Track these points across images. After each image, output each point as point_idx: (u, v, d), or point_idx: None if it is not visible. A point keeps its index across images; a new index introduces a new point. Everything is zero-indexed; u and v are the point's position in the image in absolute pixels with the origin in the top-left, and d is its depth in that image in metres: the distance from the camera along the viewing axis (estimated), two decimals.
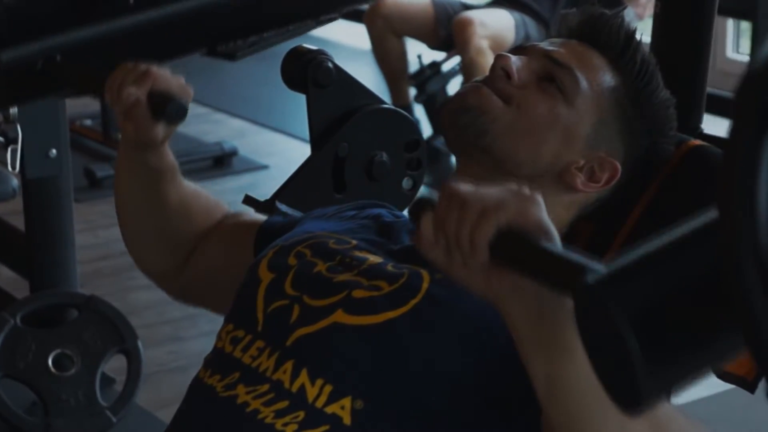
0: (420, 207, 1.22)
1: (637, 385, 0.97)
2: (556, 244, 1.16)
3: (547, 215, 1.52)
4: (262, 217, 1.80)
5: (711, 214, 0.99)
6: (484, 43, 4.78)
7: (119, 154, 1.73)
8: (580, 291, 1.02)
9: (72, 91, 1.97)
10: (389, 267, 1.46)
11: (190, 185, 1.78)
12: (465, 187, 1.19)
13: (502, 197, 1.17)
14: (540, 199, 1.18)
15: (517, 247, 1.15)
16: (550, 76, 1.53)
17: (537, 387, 1.22)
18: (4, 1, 1.85)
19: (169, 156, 1.70)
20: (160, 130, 1.64)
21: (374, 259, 1.48)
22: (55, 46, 1.84)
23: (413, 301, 1.40)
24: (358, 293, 1.43)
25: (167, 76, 1.65)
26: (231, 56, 1.95)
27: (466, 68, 4.81)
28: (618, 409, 1.00)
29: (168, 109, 1.59)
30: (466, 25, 4.83)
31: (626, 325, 0.96)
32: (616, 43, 1.57)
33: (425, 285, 1.40)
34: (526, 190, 1.19)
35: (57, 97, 2.07)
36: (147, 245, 1.79)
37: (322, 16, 1.99)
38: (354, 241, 1.53)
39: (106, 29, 1.89)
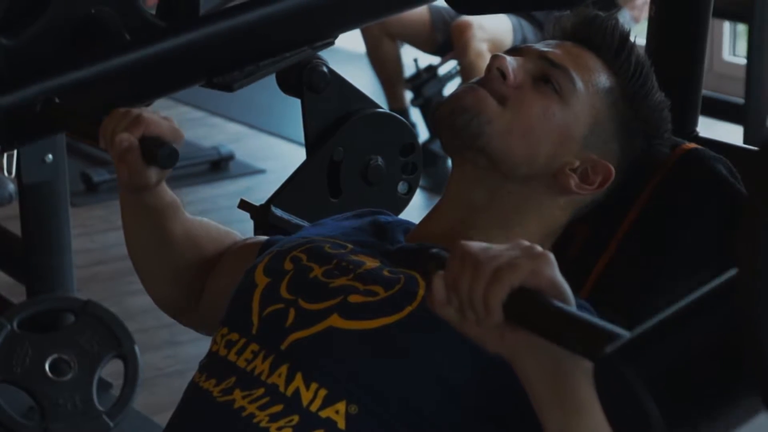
0: (432, 265, 1.22)
1: None
2: (571, 303, 1.16)
3: (543, 220, 1.53)
4: (261, 238, 1.79)
5: (729, 275, 0.99)
6: (483, 46, 4.78)
7: (120, 197, 1.74)
8: (600, 361, 1.02)
9: (70, 132, 2.01)
10: (385, 272, 1.46)
11: (196, 219, 1.77)
12: (477, 247, 1.19)
13: (514, 257, 1.17)
14: (552, 257, 1.18)
15: (532, 309, 1.15)
16: (546, 77, 1.53)
17: None
18: (3, 44, 1.86)
19: (168, 194, 1.71)
20: (153, 173, 1.65)
21: (370, 263, 1.48)
22: (54, 87, 1.86)
23: (409, 308, 1.40)
24: (354, 298, 1.43)
25: (158, 120, 1.65)
26: (228, 87, 1.97)
27: (465, 71, 4.81)
28: None
29: (159, 154, 1.61)
30: (465, 28, 4.83)
31: (647, 396, 0.97)
32: (610, 45, 1.57)
33: (422, 291, 1.40)
34: (539, 248, 1.18)
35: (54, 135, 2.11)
36: (162, 284, 1.78)
37: (317, 43, 2.00)
38: (350, 245, 1.53)
39: (104, 68, 1.91)
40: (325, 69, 1.99)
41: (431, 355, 1.36)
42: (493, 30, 4.87)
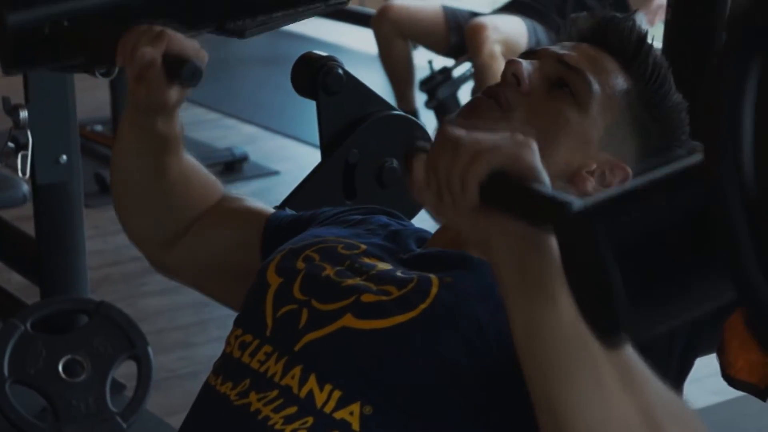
0: (414, 150, 1.22)
1: (616, 314, 0.96)
2: (546, 186, 1.15)
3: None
4: (264, 206, 1.78)
5: (695, 159, 0.98)
6: (497, 48, 4.78)
7: (124, 117, 1.69)
8: (562, 222, 1.02)
9: (81, 59, 1.95)
10: (398, 273, 1.45)
11: (191, 159, 1.76)
12: (461, 131, 1.19)
13: (496, 140, 1.17)
14: (534, 144, 1.17)
15: (506, 189, 1.15)
16: (562, 81, 1.52)
17: (516, 336, 1.21)
18: None
19: (178, 124, 1.67)
20: (173, 93, 1.61)
21: (383, 265, 1.48)
22: (63, 12, 1.82)
23: (422, 306, 1.39)
24: (367, 297, 1.42)
25: (182, 38, 1.62)
26: (240, 33, 1.93)
27: (479, 73, 4.81)
28: (597, 339, 1.01)
29: (183, 70, 1.56)
30: (480, 29, 4.83)
31: (607, 252, 0.96)
32: (627, 47, 1.56)
33: (434, 290, 1.40)
34: (521, 136, 1.18)
35: (66, 67, 2.03)
36: (139, 210, 1.76)
37: (331, 0, 1.98)
38: (363, 246, 1.53)
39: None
40: (340, 71, 1.99)
41: (445, 354, 1.36)
42: (508, 32, 4.87)
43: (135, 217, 1.79)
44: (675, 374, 1.55)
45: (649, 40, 1.58)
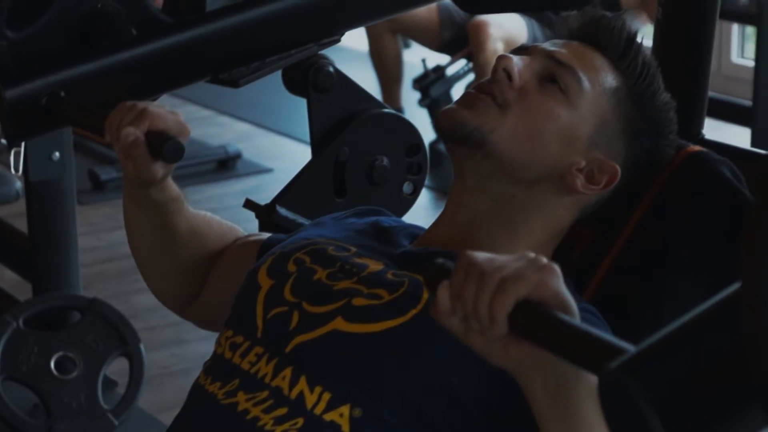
0: (436, 275, 1.21)
1: None
2: (576, 316, 1.15)
3: (549, 221, 1.53)
4: (267, 235, 1.78)
5: (733, 288, 0.99)
6: (499, 45, 4.78)
7: (124, 192, 1.73)
8: (605, 375, 1.02)
9: (75, 126, 2.01)
10: (389, 275, 1.46)
11: (200, 213, 1.76)
12: (482, 257, 1.18)
13: (519, 268, 1.16)
14: (558, 269, 1.17)
15: (537, 321, 1.14)
16: (552, 77, 1.52)
17: None
18: (10, 37, 1.86)
19: (172, 188, 1.69)
20: (159, 168, 1.64)
21: (374, 266, 1.48)
22: (59, 81, 1.86)
23: (413, 311, 1.40)
24: (358, 301, 1.43)
25: (164, 114, 1.64)
26: (234, 83, 1.96)
27: (480, 69, 4.80)
28: None
29: (165, 148, 1.60)
30: (483, 27, 4.83)
31: (651, 411, 0.97)
32: (617, 45, 1.57)
33: (425, 295, 1.40)
34: (544, 260, 1.17)
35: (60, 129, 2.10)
36: (165, 279, 1.77)
37: (323, 40, 1.99)
38: (353, 248, 1.53)
39: (110, 62, 1.91)
40: (330, 69, 1.99)
41: (436, 360, 1.36)
42: (509, 28, 4.87)
43: (154, 280, 1.79)
44: None
45: (639, 39, 1.58)
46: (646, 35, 1.66)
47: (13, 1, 1.86)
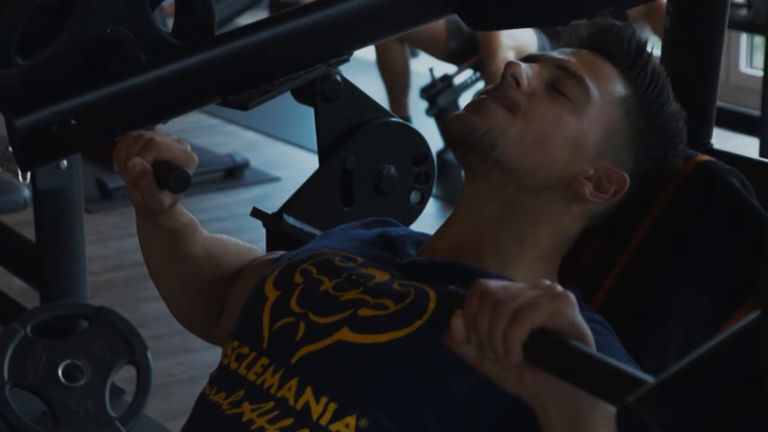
0: (450, 303, 1.21)
1: None
2: (591, 344, 1.15)
3: (556, 229, 1.52)
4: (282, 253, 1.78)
5: (751, 318, 1.00)
6: (510, 54, 4.78)
7: (137, 221, 1.73)
8: (623, 407, 1.03)
9: (85, 155, 2.02)
10: (395, 285, 1.46)
11: (215, 237, 1.75)
12: (496, 285, 1.18)
13: (534, 297, 1.16)
14: (573, 297, 1.17)
15: (553, 350, 1.14)
16: (561, 85, 1.52)
17: None
18: (20, 64, 1.87)
19: (184, 215, 1.69)
20: (166, 197, 1.63)
21: (381, 276, 1.48)
22: (70, 109, 1.87)
23: (419, 322, 1.39)
24: (363, 312, 1.43)
25: (171, 144, 1.64)
26: (242, 106, 1.97)
27: (491, 78, 4.80)
28: None
29: (172, 178, 1.60)
30: (494, 36, 4.83)
31: None
32: (627, 54, 1.56)
33: (431, 305, 1.40)
34: (559, 288, 1.17)
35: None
36: (184, 303, 1.77)
37: (332, 60, 2.00)
38: (360, 258, 1.53)
39: (121, 88, 1.92)
40: (338, 78, 1.99)
41: (440, 371, 1.36)
42: (520, 38, 4.87)
43: (175, 305, 1.78)
44: None
45: (649, 49, 1.58)
46: (654, 45, 1.66)
47: (22, 28, 1.87)
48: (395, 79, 5.23)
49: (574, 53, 1.57)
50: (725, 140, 4.49)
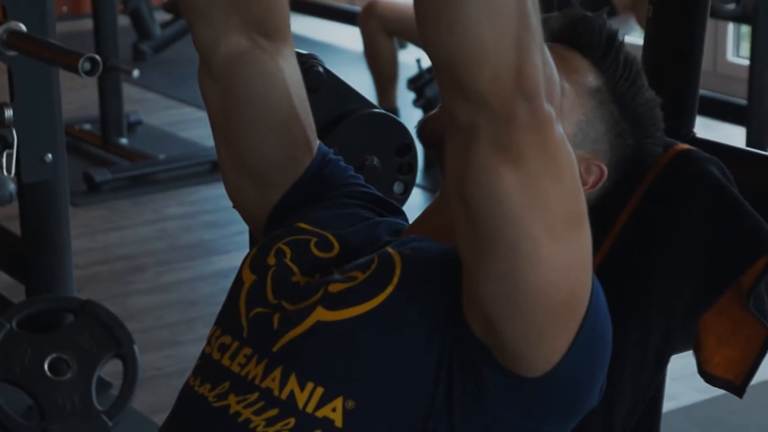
0: None
1: None
2: None
3: None
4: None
5: None
6: None
7: None
8: None
9: None
10: (360, 259, 1.47)
11: None
12: None
13: None
14: None
15: None
16: None
17: None
18: None
19: None
20: None
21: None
22: None
23: (389, 288, 1.40)
24: (334, 287, 1.43)
25: None
26: None
27: None
28: None
29: None
30: None
31: None
32: (598, 44, 1.57)
33: (398, 269, 1.41)
34: None
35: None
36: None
37: None
38: (336, 246, 1.52)
39: None
40: (320, 69, 1.99)
41: (423, 327, 1.37)
42: None
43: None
44: (650, 371, 1.56)
45: (620, 38, 1.58)
46: (639, 38, 1.66)
47: None
48: (383, 70, 5.23)
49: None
50: (712, 129, 4.50)
